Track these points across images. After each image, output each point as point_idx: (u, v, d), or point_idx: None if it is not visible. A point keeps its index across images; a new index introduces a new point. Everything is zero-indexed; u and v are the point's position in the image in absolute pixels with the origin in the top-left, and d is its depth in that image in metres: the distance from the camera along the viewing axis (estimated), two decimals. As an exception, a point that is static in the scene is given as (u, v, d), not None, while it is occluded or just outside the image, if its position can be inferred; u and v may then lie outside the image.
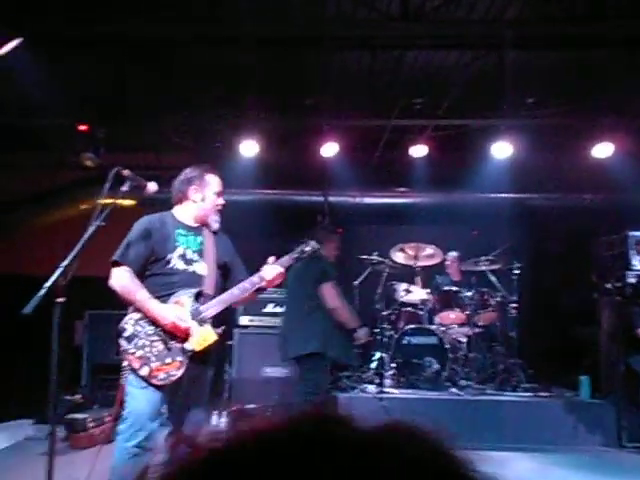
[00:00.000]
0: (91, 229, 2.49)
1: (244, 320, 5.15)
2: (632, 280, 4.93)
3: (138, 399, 2.53)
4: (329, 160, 5.75)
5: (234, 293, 2.68)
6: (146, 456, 2.48)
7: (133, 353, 2.55)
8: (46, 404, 5.20)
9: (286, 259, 2.76)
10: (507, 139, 5.29)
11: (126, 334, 2.58)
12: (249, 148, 5.69)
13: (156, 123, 5.65)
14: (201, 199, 2.82)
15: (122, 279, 2.62)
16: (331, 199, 6.06)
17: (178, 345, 2.58)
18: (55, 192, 6.15)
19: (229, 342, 5.06)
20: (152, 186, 2.75)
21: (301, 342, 3.97)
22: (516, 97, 5.05)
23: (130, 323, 2.60)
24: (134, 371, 2.55)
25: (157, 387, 2.55)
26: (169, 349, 2.57)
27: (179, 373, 2.55)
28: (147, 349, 2.55)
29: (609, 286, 5.14)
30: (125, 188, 2.62)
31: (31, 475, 3.99)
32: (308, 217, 5.95)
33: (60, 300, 2.25)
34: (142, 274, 2.67)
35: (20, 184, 6.14)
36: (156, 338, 2.57)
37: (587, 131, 5.42)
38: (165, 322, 2.56)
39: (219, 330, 2.64)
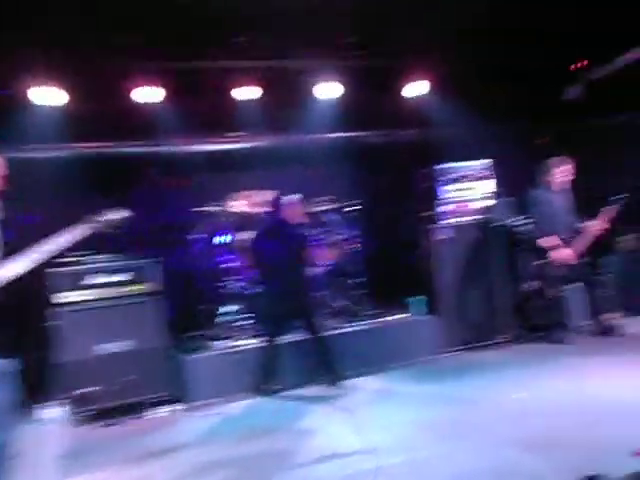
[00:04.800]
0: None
1: (62, 298, 4.47)
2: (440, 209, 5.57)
3: None
4: (148, 107, 5.25)
5: None
6: None
7: None
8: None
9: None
10: (333, 79, 5.35)
11: None
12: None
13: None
14: None
15: None
16: (156, 149, 5.64)
17: None
18: None
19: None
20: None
21: None
22: (332, 38, 5.04)
23: None
24: None
25: None
26: None
27: None
28: None
29: (425, 215, 5.70)
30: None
31: None
32: (136, 170, 5.55)
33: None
34: None
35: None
36: None
37: (402, 72, 5.76)
38: None
39: None
